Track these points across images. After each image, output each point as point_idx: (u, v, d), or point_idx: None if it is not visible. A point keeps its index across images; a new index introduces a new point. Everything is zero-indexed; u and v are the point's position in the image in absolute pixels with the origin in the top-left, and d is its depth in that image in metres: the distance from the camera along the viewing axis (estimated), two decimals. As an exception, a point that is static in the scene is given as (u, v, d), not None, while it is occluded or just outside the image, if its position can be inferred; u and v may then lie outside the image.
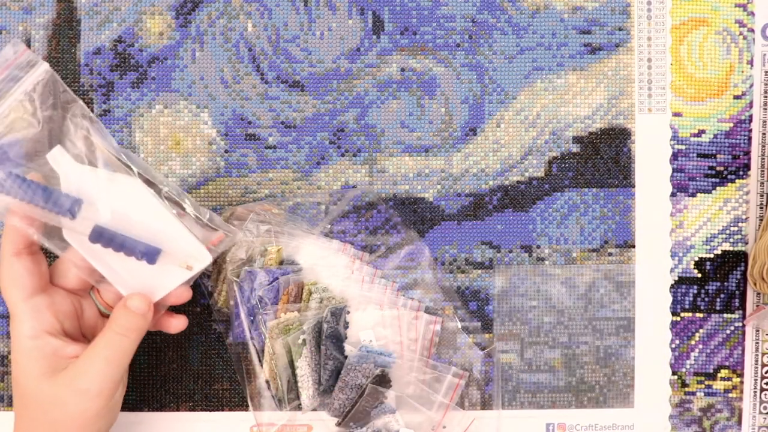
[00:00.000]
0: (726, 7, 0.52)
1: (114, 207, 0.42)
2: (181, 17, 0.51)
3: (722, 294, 0.53)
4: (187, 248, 0.43)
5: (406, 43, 0.51)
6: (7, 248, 0.42)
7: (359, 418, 0.48)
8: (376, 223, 0.51)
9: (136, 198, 0.42)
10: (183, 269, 0.43)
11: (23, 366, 0.42)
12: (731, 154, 0.52)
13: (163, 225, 0.42)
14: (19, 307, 0.42)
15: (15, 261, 0.42)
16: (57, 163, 0.41)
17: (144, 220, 0.42)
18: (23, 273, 0.42)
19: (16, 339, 0.42)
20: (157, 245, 0.42)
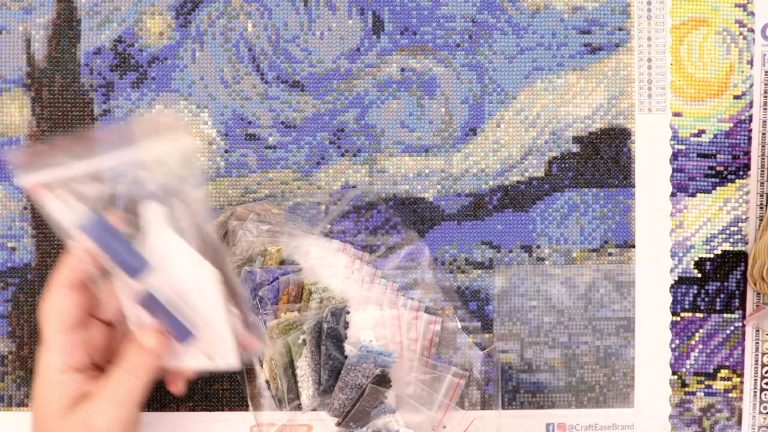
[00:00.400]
0: (726, 7, 0.52)
1: (174, 281, 0.40)
2: (181, 17, 0.51)
3: (722, 294, 0.53)
4: (219, 343, 0.41)
5: (406, 43, 0.51)
6: (62, 278, 0.41)
7: (359, 418, 0.48)
8: (376, 223, 0.51)
9: (198, 281, 0.40)
10: (205, 358, 0.42)
11: (45, 398, 0.41)
12: (731, 154, 0.52)
13: (209, 313, 0.41)
14: (55, 339, 0.41)
15: (66, 293, 0.41)
16: (148, 217, 0.40)
17: (194, 301, 0.41)
18: (70, 306, 0.41)
19: (44, 369, 0.41)
20: (193, 328, 0.41)
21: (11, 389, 0.51)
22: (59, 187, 0.39)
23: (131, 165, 0.40)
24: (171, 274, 0.40)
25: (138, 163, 0.40)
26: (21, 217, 0.51)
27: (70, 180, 0.40)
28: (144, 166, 0.40)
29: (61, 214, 0.39)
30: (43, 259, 0.51)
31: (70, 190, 0.39)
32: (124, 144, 0.40)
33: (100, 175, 0.40)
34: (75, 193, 0.39)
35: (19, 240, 0.51)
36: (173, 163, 0.40)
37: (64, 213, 0.39)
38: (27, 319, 0.51)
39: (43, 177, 0.39)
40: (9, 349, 0.51)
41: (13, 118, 0.51)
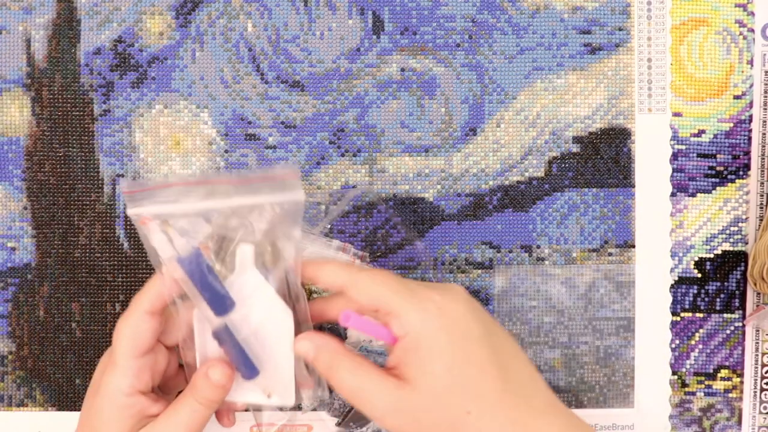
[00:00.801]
0: (726, 7, 0.52)
1: (252, 319, 0.42)
2: (181, 17, 0.51)
3: (722, 294, 0.53)
4: (281, 382, 0.42)
5: (406, 43, 0.51)
6: (145, 303, 0.41)
7: (359, 418, 0.48)
8: (376, 223, 0.51)
9: (275, 322, 0.42)
10: (263, 395, 0.43)
11: (109, 420, 0.41)
12: (731, 154, 0.52)
13: (278, 353, 0.42)
14: (126, 363, 0.41)
15: (146, 319, 0.41)
16: (241, 259, 0.41)
17: (266, 341, 0.42)
18: (147, 333, 0.41)
19: (111, 391, 0.41)
20: (260, 366, 0.42)
21: (11, 389, 0.51)
22: (165, 220, 0.41)
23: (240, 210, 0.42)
24: (250, 313, 0.42)
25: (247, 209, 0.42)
26: (21, 217, 0.51)
27: (178, 215, 0.41)
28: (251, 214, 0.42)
29: (162, 246, 0.41)
30: (43, 259, 0.51)
31: (175, 225, 0.41)
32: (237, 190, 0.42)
33: (207, 215, 0.42)
34: (178, 228, 0.41)
35: (19, 240, 0.51)
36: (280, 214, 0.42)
37: (165, 245, 0.41)
38: (27, 319, 0.51)
39: (153, 210, 0.41)
40: (9, 349, 0.51)
41: (13, 118, 0.51)
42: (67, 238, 0.51)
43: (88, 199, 0.51)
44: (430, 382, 0.36)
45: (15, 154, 0.51)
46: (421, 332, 0.37)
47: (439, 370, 0.36)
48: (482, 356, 0.37)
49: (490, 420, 0.36)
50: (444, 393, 0.36)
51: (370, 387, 0.37)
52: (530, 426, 0.36)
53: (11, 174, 0.51)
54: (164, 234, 0.41)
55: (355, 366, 0.38)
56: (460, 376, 0.36)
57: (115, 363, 0.41)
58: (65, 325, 0.51)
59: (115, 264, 0.51)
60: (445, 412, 0.36)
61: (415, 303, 0.37)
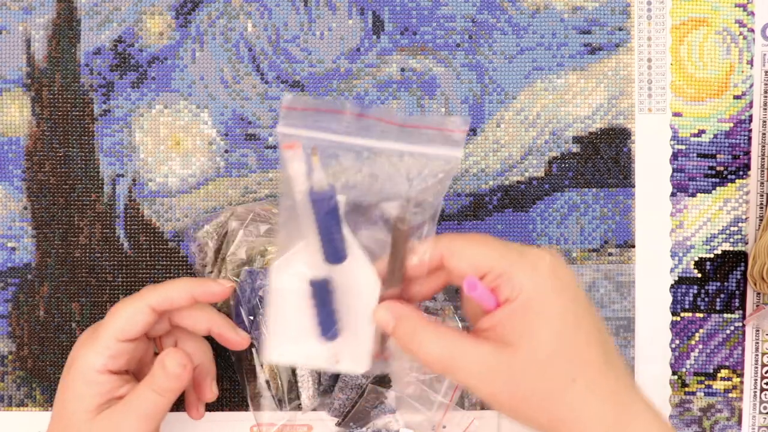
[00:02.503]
0: (726, 7, 0.52)
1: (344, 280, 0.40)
2: (181, 17, 0.51)
3: (722, 294, 0.53)
4: (355, 348, 0.40)
5: (406, 43, 0.51)
6: (152, 298, 0.41)
7: (359, 418, 0.48)
8: (376, 223, 0.51)
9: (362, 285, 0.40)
10: (331, 360, 0.41)
11: (78, 395, 0.41)
12: (731, 154, 0.52)
13: (360, 318, 0.40)
14: (108, 342, 0.41)
15: (146, 312, 0.41)
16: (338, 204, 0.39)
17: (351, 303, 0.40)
18: (140, 324, 0.41)
19: (84, 366, 0.41)
20: (344, 327, 0.40)
21: (11, 389, 0.51)
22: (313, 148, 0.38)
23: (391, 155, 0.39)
24: (343, 271, 0.40)
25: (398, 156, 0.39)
26: (21, 217, 0.51)
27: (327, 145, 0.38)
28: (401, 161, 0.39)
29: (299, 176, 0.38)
30: (43, 259, 0.51)
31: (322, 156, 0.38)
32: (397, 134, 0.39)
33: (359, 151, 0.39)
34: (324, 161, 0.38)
35: (19, 240, 0.51)
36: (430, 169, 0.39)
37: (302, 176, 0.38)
38: (27, 319, 0.51)
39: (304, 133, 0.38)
40: (9, 349, 0.51)
41: (13, 118, 0.51)
42: (67, 238, 0.51)
43: (88, 199, 0.51)
44: (537, 345, 0.34)
45: (15, 154, 0.51)
46: (533, 293, 0.35)
47: (547, 334, 0.34)
48: (590, 324, 0.35)
49: (593, 390, 0.34)
50: (550, 358, 0.34)
51: (461, 353, 0.35)
52: (627, 402, 0.35)
53: (11, 174, 0.51)
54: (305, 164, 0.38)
55: (440, 334, 0.36)
56: (569, 343, 0.35)
57: (97, 338, 0.41)
58: (65, 325, 0.51)
59: (115, 264, 0.51)
60: (548, 378, 0.34)
61: (527, 263, 0.35)
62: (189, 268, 0.51)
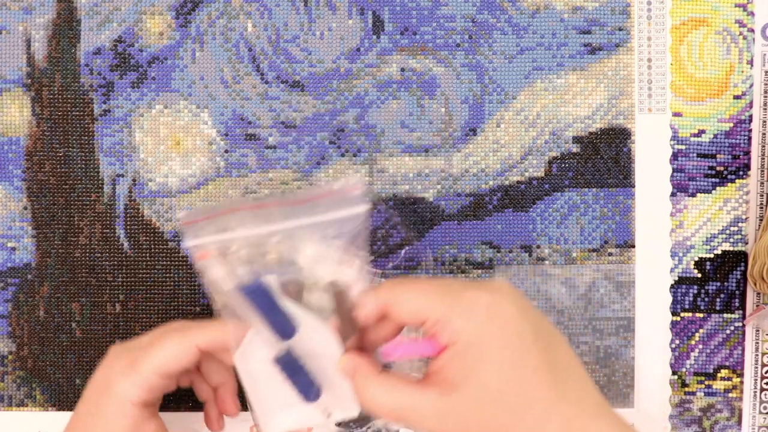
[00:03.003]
0: (726, 7, 0.52)
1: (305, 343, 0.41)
2: (181, 17, 0.51)
3: (722, 294, 0.53)
4: (340, 398, 0.42)
5: (406, 43, 0.51)
6: (201, 337, 0.41)
7: (359, 418, 0.48)
8: (376, 223, 0.51)
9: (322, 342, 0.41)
10: (322, 415, 0.42)
11: (110, 422, 0.41)
12: (731, 154, 0.52)
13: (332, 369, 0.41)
14: (149, 376, 0.40)
15: (193, 351, 0.41)
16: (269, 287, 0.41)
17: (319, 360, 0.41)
18: (184, 362, 0.41)
19: (122, 395, 0.41)
20: (321, 386, 0.41)
21: (11, 389, 0.51)
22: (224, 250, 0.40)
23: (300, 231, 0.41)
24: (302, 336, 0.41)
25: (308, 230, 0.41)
26: (21, 217, 0.51)
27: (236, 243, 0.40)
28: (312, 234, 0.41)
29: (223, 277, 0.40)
30: (43, 259, 0.51)
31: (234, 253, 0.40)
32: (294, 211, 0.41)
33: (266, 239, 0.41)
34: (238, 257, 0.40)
35: (19, 240, 0.51)
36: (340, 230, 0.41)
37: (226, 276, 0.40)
38: (27, 319, 0.51)
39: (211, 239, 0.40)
40: (9, 349, 0.51)
41: (13, 118, 0.51)
42: (67, 238, 0.51)
43: (88, 199, 0.51)
44: (481, 387, 0.35)
45: (15, 154, 0.51)
46: (471, 337, 0.35)
47: (489, 376, 0.35)
48: (535, 359, 0.36)
49: (543, 424, 0.35)
50: (496, 397, 0.35)
51: (410, 402, 0.36)
52: (583, 430, 0.35)
53: (11, 174, 0.51)
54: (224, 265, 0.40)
55: (390, 385, 0.37)
56: (513, 380, 0.35)
57: (137, 371, 0.40)
58: (65, 325, 0.51)
59: (115, 264, 0.51)
60: (497, 416, 0.35)
61: (463, 307, 0.36)
62: (189, 268, 0.51)
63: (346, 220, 0.41)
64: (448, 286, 0.37)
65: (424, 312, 0.37)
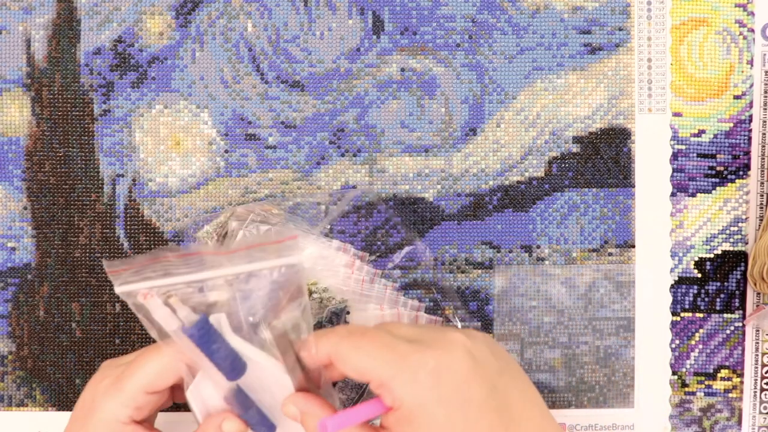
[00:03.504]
0: (726, 7, 0.52)
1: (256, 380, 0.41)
2: (181, 17, 0.51)
3: (722, 294, 0.53)
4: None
5: (406, 43, 0.51)
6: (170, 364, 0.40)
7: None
8: (376, 223, 0.51)
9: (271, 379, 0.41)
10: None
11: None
12: (731, 154, 0.52)
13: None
14: (134, 394, 0.39)
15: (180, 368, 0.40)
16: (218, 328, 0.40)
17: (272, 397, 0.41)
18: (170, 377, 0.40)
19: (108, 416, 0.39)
20: (275, 421, 0.41)
21: (11, 389, 0.51)
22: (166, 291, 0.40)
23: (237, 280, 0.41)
24: (252, 374, 0.41)
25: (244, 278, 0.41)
26: (21, 217, 0.51)
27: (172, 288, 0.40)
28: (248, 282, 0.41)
29: (166, 319, 0.40)
30: (43, 259, 0.51)
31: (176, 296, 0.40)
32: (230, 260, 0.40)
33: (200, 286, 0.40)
34: (177, 299, 0.40)
35: (19, 240, 0.51)
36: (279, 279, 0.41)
37: (169, 317, 0.40)
38: (27, 319, 0.51)
39: (144, 285, 0.40)
40: (9, 349, 0.51)
41: (13, 118, 0.51)
42: (67, 238, 0.51)
43: (88, 199, 0.51)
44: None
45: (15, 154, 0.51)
46: (413, 405, 0.34)
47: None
48: (484, 423, 0.34)
49: None
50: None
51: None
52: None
53: (11, 174, 0.51)
54: (166, 306, 0.40)
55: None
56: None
57: (121, 390, 0.39)
58: (65, 325, 0.51)
59: (115, 264, 0.51)
60: None
61: (406, 373, 0.34)
62: (189, 268, 0.51)
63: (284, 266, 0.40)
64: (394, 347, 0.35)
65: (369, 373, 0.35)
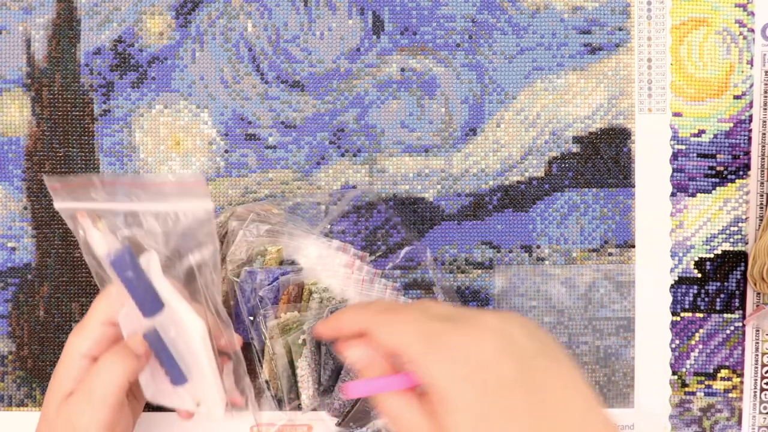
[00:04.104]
0: (726, 7, 0.52)
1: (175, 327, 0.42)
2: (181, 17, 0.51)
3: (722, 294, 0.53)
4: (207, 391, 0.43)
5: (406, 43, 0.51)
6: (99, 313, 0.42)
7: (359, 418, 0.48)
8: (376, 223, 0.51)
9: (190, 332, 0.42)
10: (192, 403, 0.43)
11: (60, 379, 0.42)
12: (731, 154, 0.52)
13: (201, 363, 0.42)
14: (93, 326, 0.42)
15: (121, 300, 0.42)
16: (147, 265, 0.41)
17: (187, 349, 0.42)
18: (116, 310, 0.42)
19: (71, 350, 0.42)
20: (187, 372, 0.42)
21: (11, 389, 0.51)
22: (96, 216, 0.41)
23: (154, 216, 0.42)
24: (173, 319, 0.42)
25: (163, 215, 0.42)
26: (21, 217, 0.51)
27: (102, 213, 0.41)
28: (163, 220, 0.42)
29: (98, 242, 0.41)
30: (43, 259, 0.51)
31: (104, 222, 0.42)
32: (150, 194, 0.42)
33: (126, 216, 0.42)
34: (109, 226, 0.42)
35: (19, 240, 0.51)
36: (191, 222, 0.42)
37: (100, 241, 0.41)
38: (27, 319, 0.51)
39: (81, 206, 0.41)
40: (9, 349, 0.51)
41: (13, 118, 0.51)
42: (67, 238, 0.51)
43: (88, 199, 0.51)
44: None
45: (15, 154, 0.51)
46: (444, 385, 0.33)
47: (464, 428, 0.33)
48: (517, 404, 0.33)
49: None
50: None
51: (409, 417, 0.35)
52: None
53: (11, 174, 0.51)
54: (97, 230, 0.41)
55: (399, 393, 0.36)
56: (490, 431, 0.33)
57: (82, 325, 0.42)
58: (65, 325, 0.51)
59: (115, 264, 0.51)
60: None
61: (439, 352, 0.34)
62: (189, 268, 0.51)
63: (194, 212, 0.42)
64: (427, 325, 0.35)
65: (400, 348, 0.35)
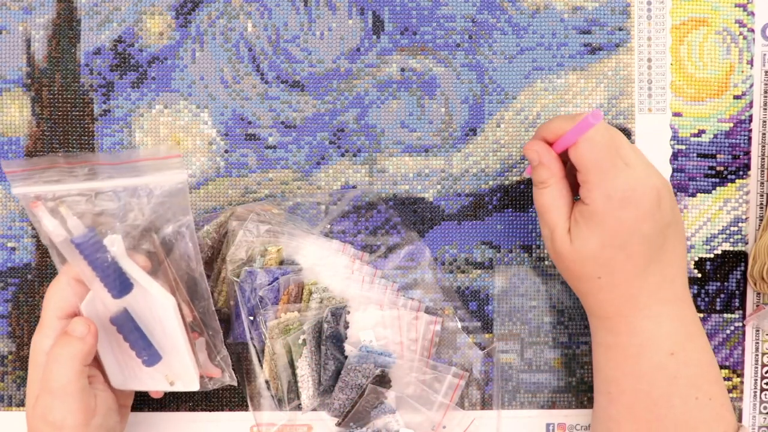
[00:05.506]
0: (726, 7, 0.52)
1: (145, 306, 0.42)
2: (181, 17, 0.51)
3: (722, 294, 0.53)
4: (181, 367, 0.43)
5: (406, 43, 0.51)
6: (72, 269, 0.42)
7: (359, 418, 0.48)
8: (376, 223, 0.51)
9: (160, 308, 0.42)
10: (165, 382, 0.44)
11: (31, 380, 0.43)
12: (731, 154, 0.52)
13: (172, 339, 0.43)
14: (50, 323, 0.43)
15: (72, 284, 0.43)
16: (112, 249, 0.42)
17: (157, 327, 0.42)
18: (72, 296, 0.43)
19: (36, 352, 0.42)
20: (160, 351, 0.43)
21: (11, 389, 0.51)
22: (55, 201, 0.41)
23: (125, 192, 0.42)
24: (142, 299, 0.42)
25: (132, 190, 0.42)
26: (21, 217, 0.51)
27: (66, 195, 0.41)
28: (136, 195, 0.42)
29: (55, 228, 0.41)
30: (43, 259, 0.51)
31: (67, 205, 0.41)
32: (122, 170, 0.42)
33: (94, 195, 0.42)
34: (72, 209, 0.41)
35: (19, 240, 0.51)
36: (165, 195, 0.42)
37: (58, 227, 0.41)
38: (27, 319, 0.51)
39: (40, 190, 0.41)
40: (9, 349, 0.51)
41: (13, 118, 0.51)
42: (67, 238, 0.51)
43: (88, 199, 0.51)
44: (585, 244, 0.43)
45: (15, 154, 0.51)
46: (598, 210, 0.42)
47: (593, 243, 0.42)
48: (637, 248, 0.42)
49: (611, 289, 0.43)
50: (588, 258, 0.43)
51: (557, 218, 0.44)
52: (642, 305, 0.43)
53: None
54: (55, 215, 0.41)
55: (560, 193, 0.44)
56: (606, 255, 0.42)
57: (41, 325, 0.43)
58: (65, 325, 0.51)
59: (115, 264, 0.51)
60: (583, 271, 0.43)
61: (607, 186, 0.41)
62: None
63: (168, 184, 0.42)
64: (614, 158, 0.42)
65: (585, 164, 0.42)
